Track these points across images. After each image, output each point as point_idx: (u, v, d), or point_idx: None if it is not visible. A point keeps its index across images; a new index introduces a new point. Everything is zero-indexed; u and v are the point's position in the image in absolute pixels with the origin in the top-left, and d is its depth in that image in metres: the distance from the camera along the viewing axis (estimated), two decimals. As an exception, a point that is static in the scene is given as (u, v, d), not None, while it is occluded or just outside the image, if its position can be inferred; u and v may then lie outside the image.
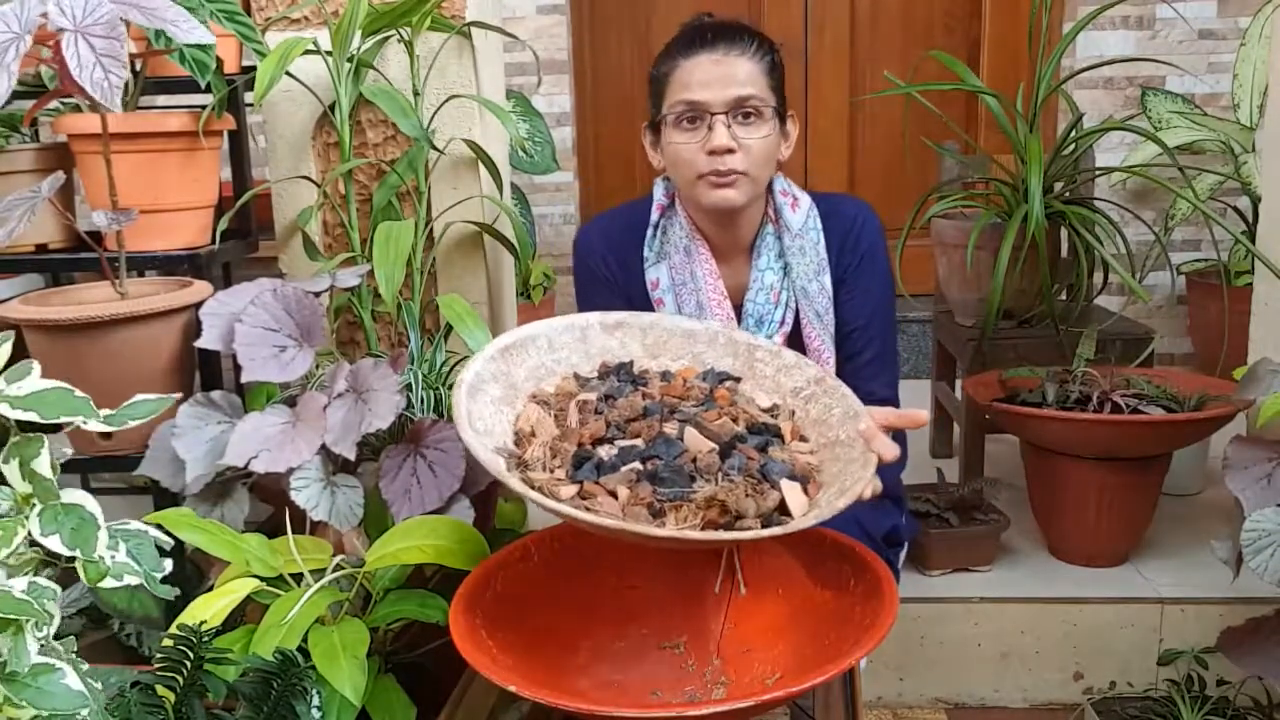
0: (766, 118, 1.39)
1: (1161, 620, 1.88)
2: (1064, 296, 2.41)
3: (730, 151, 1.38)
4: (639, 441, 1.13)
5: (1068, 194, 2.34)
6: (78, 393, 1.00)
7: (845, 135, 3.65)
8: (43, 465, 0.95)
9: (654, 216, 1.53)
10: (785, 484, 1.06)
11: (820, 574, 1.20)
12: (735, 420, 1.17)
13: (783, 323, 1.49)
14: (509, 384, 1.22)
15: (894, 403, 1.49)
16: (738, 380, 1.28)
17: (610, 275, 1.54)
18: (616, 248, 1.55)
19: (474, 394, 1.16)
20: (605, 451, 1.11)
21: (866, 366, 1.50)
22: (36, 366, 1.00)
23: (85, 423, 0.98)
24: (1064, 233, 2.30)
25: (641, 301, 1.53)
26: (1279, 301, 1.89)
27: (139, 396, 1.08)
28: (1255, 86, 3.05)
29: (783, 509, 1.05)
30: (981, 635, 1.92)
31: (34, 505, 0.94)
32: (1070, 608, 1.90)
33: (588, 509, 1.01)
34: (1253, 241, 2.03)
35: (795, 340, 1.49)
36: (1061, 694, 1.93)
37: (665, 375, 1.27)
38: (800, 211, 1.50)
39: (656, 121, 1.45)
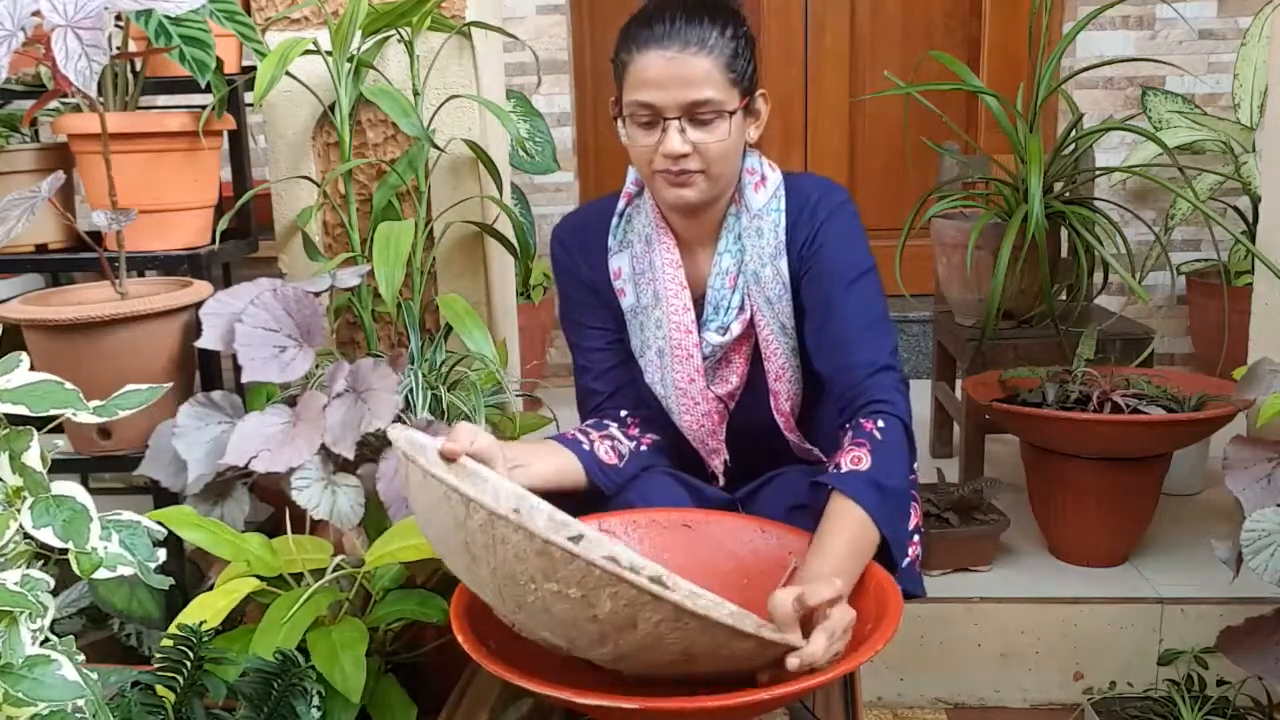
0: (725, 117, 1.30)
1: (1161, 620, 1.88)
2: (1064, 296, 2.40)
3: (685, 156, 1.31)
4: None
5: (1068, 194, 2.34)
6: (67, 385, 0.98)
7: (845, 135, 3.65)
8: (33, 458, 0.94)
9: (620, 205, 1.48)
10: None
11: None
12: None
13: (741, 309, 1.41)
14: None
15: (897, 369, 1.36)
16: None
17: (572, 267, 1.50)
18: (582, 244, 1.50)
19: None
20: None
21: (862, 335, 1.35)
22: (25, 359, 0.99)
23: (75, 414, 0.97)
24: (1064, 233, 2.30)
25: (608, 293, 1.48)
26: (1279, 301, 1.89)
27: (129, 387, 1.05)
28: (1255, 86, 3.05)
29: None
30: (981, 635, 1.92)
31: (25, 498, 0.93)
32: (1070, 608, 1.90)
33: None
34: (1253, 241, 2.03)
35: (752, 329, 1.42)
36: (1061, 694, 1.93)
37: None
38: (764, 191, 1.41)
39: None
